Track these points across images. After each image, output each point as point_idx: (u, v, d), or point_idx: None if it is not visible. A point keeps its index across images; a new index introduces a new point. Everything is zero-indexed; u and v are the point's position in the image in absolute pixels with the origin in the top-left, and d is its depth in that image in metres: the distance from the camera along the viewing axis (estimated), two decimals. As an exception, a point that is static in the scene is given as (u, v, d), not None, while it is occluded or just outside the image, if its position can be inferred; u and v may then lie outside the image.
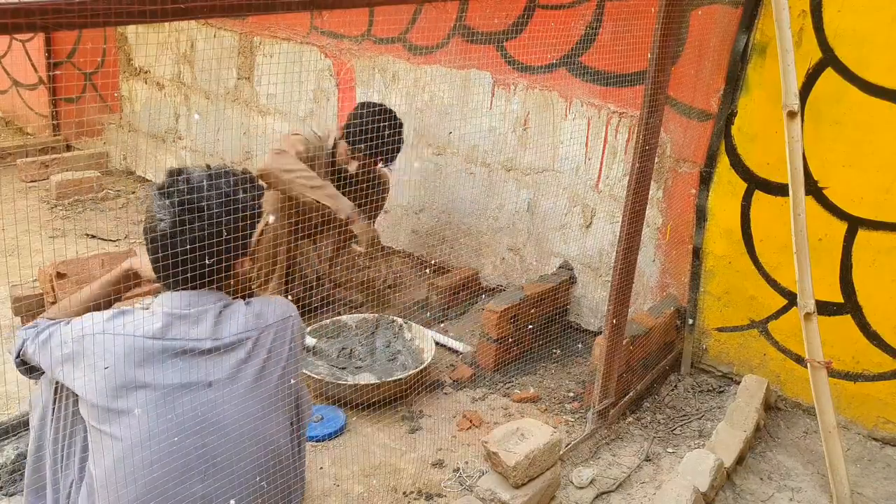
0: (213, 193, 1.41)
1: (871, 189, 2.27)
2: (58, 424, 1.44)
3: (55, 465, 1.45)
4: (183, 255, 1.37)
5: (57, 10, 0.89)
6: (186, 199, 1.38)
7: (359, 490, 2.08)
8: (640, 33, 2.45)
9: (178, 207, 1.37)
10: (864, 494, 2.19)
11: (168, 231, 1.37)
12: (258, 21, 3.90)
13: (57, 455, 1.44)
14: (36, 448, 1.47)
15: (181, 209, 1.37)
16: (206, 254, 1.39)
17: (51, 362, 1.41)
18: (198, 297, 1.43)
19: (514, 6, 2.96)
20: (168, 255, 1.36)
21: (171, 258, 1.36)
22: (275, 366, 1.48)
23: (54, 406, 1.44)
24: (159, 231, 1.38)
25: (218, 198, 1.41)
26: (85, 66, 4.98)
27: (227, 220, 1.41)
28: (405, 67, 3.38)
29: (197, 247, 1.38)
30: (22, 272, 3.06)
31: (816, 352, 2.11)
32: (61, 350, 1.38)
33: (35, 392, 1.50)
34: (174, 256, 1.36)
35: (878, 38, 2.17)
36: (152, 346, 1.36)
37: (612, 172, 2.84)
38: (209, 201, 1.40)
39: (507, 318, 2.71)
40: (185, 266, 1.38)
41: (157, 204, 1.39)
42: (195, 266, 1.38)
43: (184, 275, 1.39)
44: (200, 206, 1.39)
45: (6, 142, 5.19)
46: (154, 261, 1.41)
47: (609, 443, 2.36)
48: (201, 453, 1.37)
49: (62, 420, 1.43)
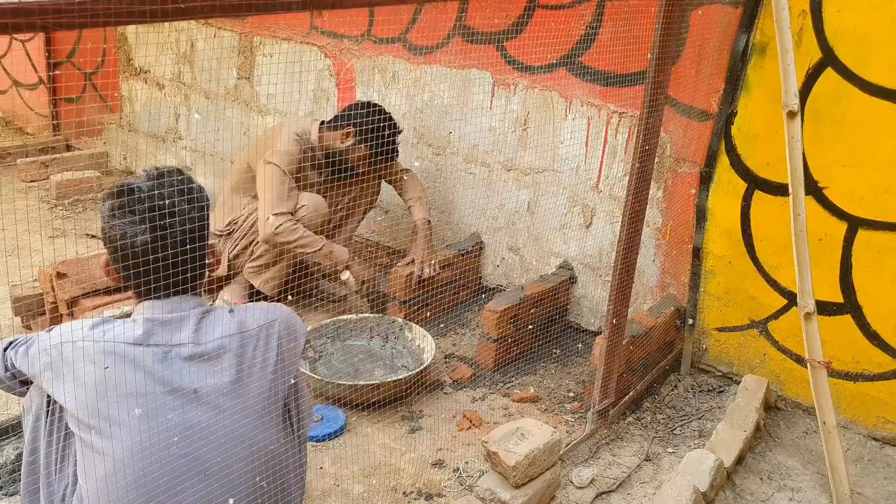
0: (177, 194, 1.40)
1: (871, 189, 2.27)
2: (51, 428, 1.42)
3: (49, 468, 1.43)
4: (165, 264, 1.36)
5: (57, 10, 0.89)
6: (157, 206, 1.35)
7: (359, 490, 2.08)
8: (640, 33, 2.46)
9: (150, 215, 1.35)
10: (864, 494, 2.19)
11: (149, 242, 1.35)
12: (258, 21, 3.90)
13: (51, 459, 1.42)
14: (30, 451, 1.46)
15: (156, 217, 1.35)
16: (182, 258, 1.38)
17: (31, 370, 1.40)
18: (178, 302, 1.42)
19: (514, 6, 2.96)
20: (149, 268, 1.35)
21: (150, 270, 1.35)
22: (260, 372, 1.47)
23: (48, 410, 1.42)
24: (139, 244, 1.35)
25: (178, 194, 1.40)
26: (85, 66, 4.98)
27: (194, 216, 1.41)
28: (405, 67, 3.38)
29: (178, 254, 1.37)
30: (22, 272, 3.06)
31: (816, 352, 2.12)
32: (40, 359, 1.36)
33: (28, 396, 1.49)
34: (153, 268, 1.35)
35: (878, 38, 2.17)
36: (134, 352, 1.35)
37: (612, 172, 2.84)
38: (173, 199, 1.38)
39: (507, 318, 2.71)
40: (166, 275, 1.37)
41: (125, 225, 1.36)
42: (176, 272, 1.37)
43: (165, 283, 1.38)
44: (171, 211, 1.37)
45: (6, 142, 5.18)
46: (133, 276, 1.37)
47: (609, 443, 2.36)
48: (189, 460, 1.35)
49: (55, 424, 1.42)
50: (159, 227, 1.36)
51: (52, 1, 0.88)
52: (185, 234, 1.39)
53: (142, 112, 4.76)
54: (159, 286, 1.38)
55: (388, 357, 2.76)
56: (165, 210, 1.36)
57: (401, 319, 2.85)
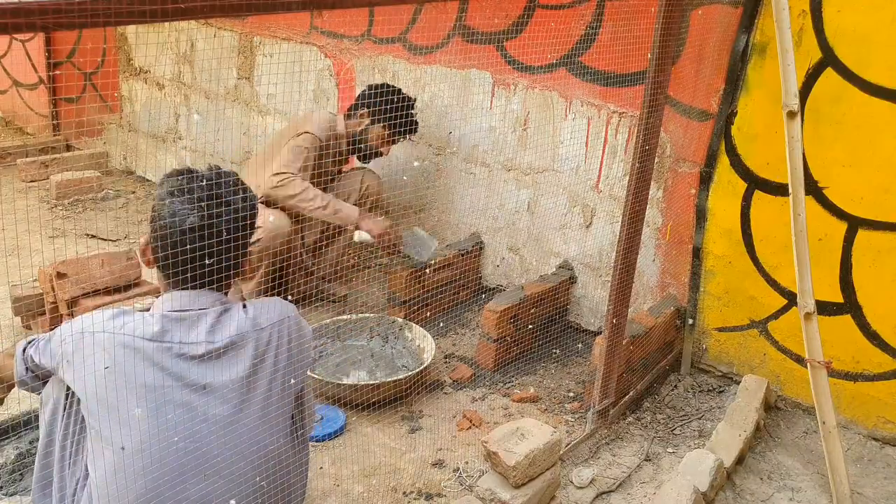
0: (232, 189, 1.44)
1: (871, 189, 2.27)
2: (68, 421, 1.43)
3: (63, 461, 1.44)
4: (210, 253, 1.38)
5: (57, 10, 0.89)
6: (213, 193, 1.39)
7: (359, 490, 2.08)
8: (640, 33, 2.46)
9: (206, 202, 1.38)
10: (864, 494, 2.19)
11: (197, 225, 1.37)
12: (258, 21, 3.90)
13: (66, 451, 1.44)
14: (45, 444, 1.47)
15: (209, 205, 1.38)
16: (229, 248, 1.40)
17: (52, 362, 1.41)
18: (197, 297, 1.43)
19: (514, 6, 2.96)
20: (195, 254, 1.37)
21: (197, 257, 1.37)
22: (271, 369, 1.48)
23: (66, 402, 1.43)
24: (188, 226, 1.37)
25: (235, 193, 1.43)
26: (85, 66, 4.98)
27: (245, 213, 1.44)
28: (405, 67, 3.38)
29: (223, 244, 1.39)
30: (22, 272, 3.06)
31: (816, 352, 2.12)
32: (62, 347, 1.38)
33: (47, 388, 1.50)
34: (200, 255, 1.37)
35: (878, 38, 2.17)
36: (149, 347, 1.36)
37: (612, 172, 2.84)
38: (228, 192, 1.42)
39: (507, 318, 2.71)
40: (206, 264, 1.38)
41: (178, 205, 1.39)
42: (212, 263, 1.39)
43: (200, 271, 1.39)
44: (227, 201, 1.40)
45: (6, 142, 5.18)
46: (174, 262, 1.40)
47: (609, 443, 2.36)
48: (197, 456, 1.36)
49: (73, 416, 1.43)
50: (212, 214, 1.38)
51: (52, 1, 0.88)
52: (231, 227, 1.41)
53: (142, 112, 4.76)
54: (193, 275, 1.40)
55: (389, 357, 2.76)
56: (221, 199, 1.40)
57: (401, 319, 2.85)
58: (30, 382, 1.53)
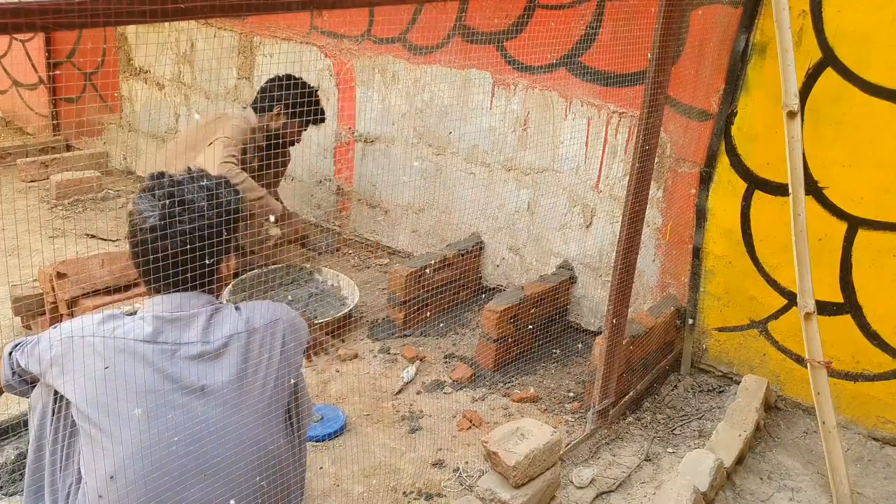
0: (196, 187, 1.43)
1: (871, 189, 2.27)
2: (57, 425, 1.43)
3: (54, 465, 1.44)
4: (173, 254, 1.37)
5: (57, 10, 0.89)
6: (175, 192, 1.39)
7: (359, 490, 2.08)
8: (640, 33, 2.45)
9: (167, 201, 1.38)
10: (864, 494, 2.19)
11: (157, 224, 1.37)
12: (258, 21, 3.90)
13: (56, 456, 1.43)
14: (35, 448, 1.46)
15: (169, 204, 1.38)
16: (196, 252, 1.39)
17: (39, 367, 1.40)
18: (188, 299, 1.43)
19: (514, 6, 2.96)
20: (157, 255, 1.36)
21: (160, 258, 1.36)
22: (266, 370, 1.48)
23: (54, 407, 1.43)
24: (148, 225, 1.37)
25: (201, 192, 1.43)
26: (85, 66, 4.97)
27: (212, 214, 1.42)
28: (405, 67, 3.38)
29: (187, 245, 1.38)
30: (22, 272, 3.06)
31: (816, 352, 2.12)
32: (49, 352, 1.37)
33: (35, 393, 1.49)
34: (164, 256, 1.36)
35: (878, 38, 2.17)
36: (143, 349, 1.35)
37: (612, 172, 2.84)
38: (193, 194, 1.41)
39: (507, 318, 2.71)
40: (174, 266, 1.37)
41: (143, 204, 1.39)
42: (184, 266, 1.38)
43: (174, 276, 1.38)
44: (189, 199, 1.40)
45: (6, 142, 5.18)
46: (143, 263, 1.39)
47: (609, 443, 2.36)
48: (197, 457, 1.36)
49: (62, 420, 1.42)
50: (173, 213, 1.37)
51: (52, 1, 0.88)
52: (195, 229, 1.39)
53: (142, 112, 4.76)
54: (165, 278, 1.39)
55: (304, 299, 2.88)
56: (184, 199, 1.39)
57: (308, 265, 3.05)
58: (17, 386, 1.52)
